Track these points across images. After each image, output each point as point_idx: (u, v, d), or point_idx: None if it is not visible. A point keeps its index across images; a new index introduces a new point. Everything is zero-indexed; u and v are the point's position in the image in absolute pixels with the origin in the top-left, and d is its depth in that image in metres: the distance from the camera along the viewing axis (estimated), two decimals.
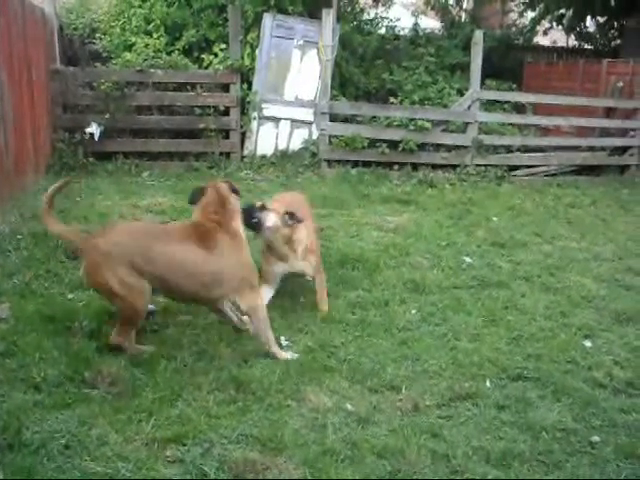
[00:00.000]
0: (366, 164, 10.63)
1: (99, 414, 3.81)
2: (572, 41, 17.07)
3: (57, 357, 4.31)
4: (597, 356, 5.01)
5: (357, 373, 4.49)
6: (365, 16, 13.94)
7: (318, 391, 4.25)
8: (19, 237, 6.43)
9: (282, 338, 4.88)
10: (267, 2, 10.74)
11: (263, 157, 10.60)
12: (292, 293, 5.72)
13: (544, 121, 12.44)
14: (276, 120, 10.75)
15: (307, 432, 3.84)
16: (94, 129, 9.87)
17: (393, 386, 4.37)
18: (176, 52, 10.98)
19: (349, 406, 4.11)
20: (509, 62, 14.54)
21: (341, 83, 11.68)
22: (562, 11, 15.84)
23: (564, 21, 16.14)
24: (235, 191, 4.86)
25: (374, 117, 10.90)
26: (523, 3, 16.76)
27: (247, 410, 3.99)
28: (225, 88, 10.65)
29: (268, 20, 10.66)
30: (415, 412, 4.11)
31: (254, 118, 10.64)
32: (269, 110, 10.70)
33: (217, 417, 3.89)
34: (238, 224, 4.76)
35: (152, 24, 11.38)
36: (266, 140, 10.73)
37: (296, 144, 10.79)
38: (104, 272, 4.31)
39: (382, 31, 13.73)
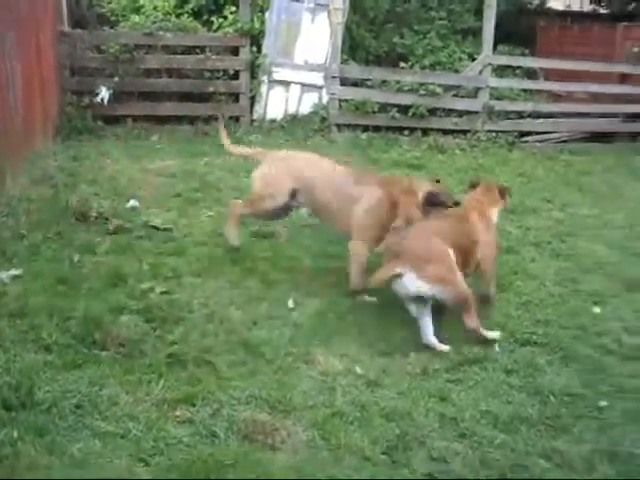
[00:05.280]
0: (376, 129, 10.55)
1: (109, 375, 3.84)
2: (587, 5, 16.81)
3: (67, 318, 4.33)
4: (606, 322, 5.02)
5: (366, 336, 4.52)
6: None
7: (327, 354, 4.28)
8: (29, 200, 6.44)
9: (291, 301, 4.90)
10: None
11: (273, 121, 10.51)
12: (295, 258, 5.74)
13: (556, 87, 12.29)
14: (286, 84, 10.64)
15: (316, 394, 3.87)
16: (103, 93, 9.81)
17: (402, 350, 4.39)
18: (185, 15, 10.85)
19: (358, 369, 4.14)
20: (522, 27, 14.32)
21: (351, 47, 11.55)
22: None
23: None
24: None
25: (384, 81, 10.79)
26: None
27: (257, 372, 4.03)
28: (235, 52, 10.54)
29: None
30: (424, 376, 4.14)
31: (264, 82, 10.53)
32: (279, 74, 10.59)
33: (227, 379, 3.92)
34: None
35: None
36: (276, 104, 10.63)
37: (306, 108, 10.68)
38: None
39: None
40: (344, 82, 10.73)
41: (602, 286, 5.64)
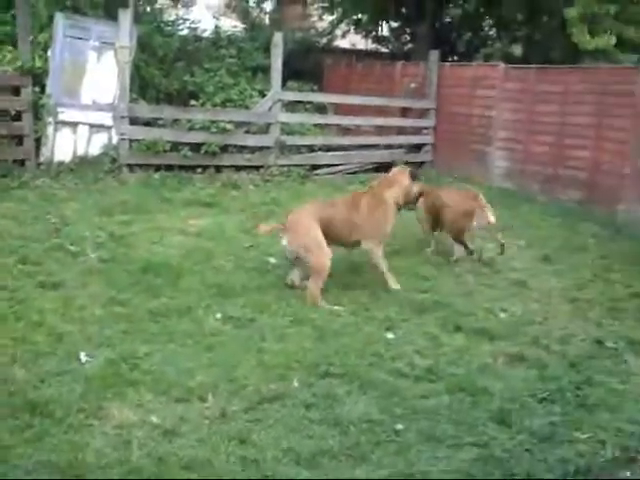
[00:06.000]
0: (169, 168, 10.43)
1: None
2: (370, 44, 17.72)
3: None
4: (399, 347, 5.20)
5: (162, 384, 4.35)
6: (166, 17, 13.75)
7: (122, 406, 4.08)
8: None
9: (82, 354, 4.64)
10: (62, 2, 10.26)
11: (61, 164, 10.05)
12: (85, 308, 5.48)
13: (345, 121, 12.83)
14: (73, 125, 10.25)
15: (110, 451, 3.66)
16: None
17: (200, 394, 4.28)
18: None
19: (154, 419, 3.98)
20: (310, 64, 14.81)
21: (141, 86, 11.39)
22: (359, 15, 16.38)
23: (361, 25, 16.72)
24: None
25: (176, 120, 10.74)
26: (322, 7, 17.20)
27: (45, 435, 3.75)
28: (16, 91, 9.99)
29: (60, 19, 10.12)
30: (223, 419, 4.05)
31: (49, 123, 10.07)
32: (65, 114, 10.17)
33: (9, 447, 3.60)
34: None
35: None
36: (63, 146, 10.20)
37: (95, 149, 10.35)
38: None
39: (184, 32, 13.56)
40: (134, 121, 10.52)
41: (394, 312, 5.85)
